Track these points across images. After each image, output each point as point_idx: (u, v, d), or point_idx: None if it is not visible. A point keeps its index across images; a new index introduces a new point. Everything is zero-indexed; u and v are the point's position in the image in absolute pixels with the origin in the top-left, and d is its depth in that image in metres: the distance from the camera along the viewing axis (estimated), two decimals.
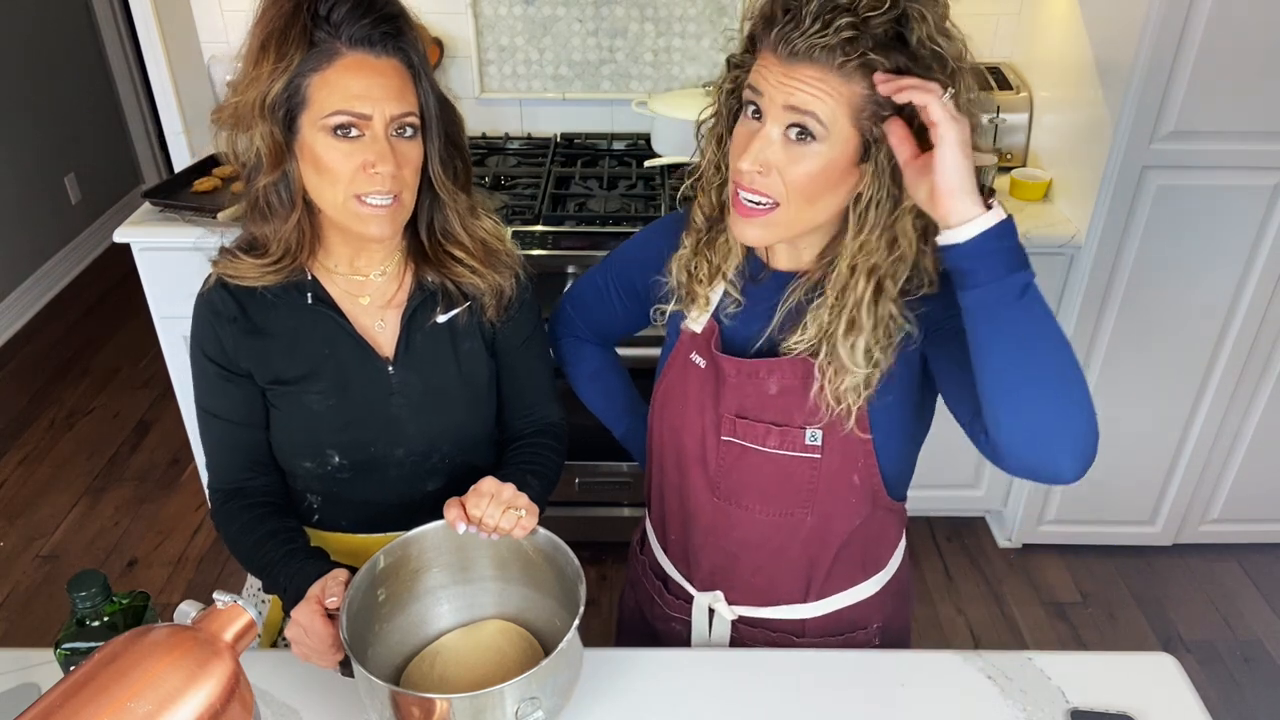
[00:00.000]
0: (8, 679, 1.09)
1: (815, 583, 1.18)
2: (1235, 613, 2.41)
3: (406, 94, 1.04)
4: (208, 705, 0.76)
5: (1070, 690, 1.10)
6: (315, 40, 1.00)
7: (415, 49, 1.05)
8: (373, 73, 1.01)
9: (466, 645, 1.11)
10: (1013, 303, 0.87)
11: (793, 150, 0.92)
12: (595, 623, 2.32)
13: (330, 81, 1.01)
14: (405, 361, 1.17)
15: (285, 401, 1.16)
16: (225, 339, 1.14)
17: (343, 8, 1.00)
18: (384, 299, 1.17)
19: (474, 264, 1.16)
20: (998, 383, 0.89)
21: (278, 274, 1.12)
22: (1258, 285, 2.11)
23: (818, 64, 0.89)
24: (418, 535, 1.08)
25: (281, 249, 1.11)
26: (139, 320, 3.38)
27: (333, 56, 1.00)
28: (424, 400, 1.19)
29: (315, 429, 1.17)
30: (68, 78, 3.97)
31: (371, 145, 1.02)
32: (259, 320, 1.14)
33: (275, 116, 1.02)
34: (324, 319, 1.15)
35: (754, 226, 0.98)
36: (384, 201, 1.05)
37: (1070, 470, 0.90)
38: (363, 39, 1.01)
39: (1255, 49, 1.85)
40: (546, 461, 1.25)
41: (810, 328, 1.01)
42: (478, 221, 1.18)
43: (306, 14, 1.00)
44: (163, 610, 0.90)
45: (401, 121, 1.03)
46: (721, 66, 1.03)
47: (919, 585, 2.46)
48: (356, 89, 1.00)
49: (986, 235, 0.86)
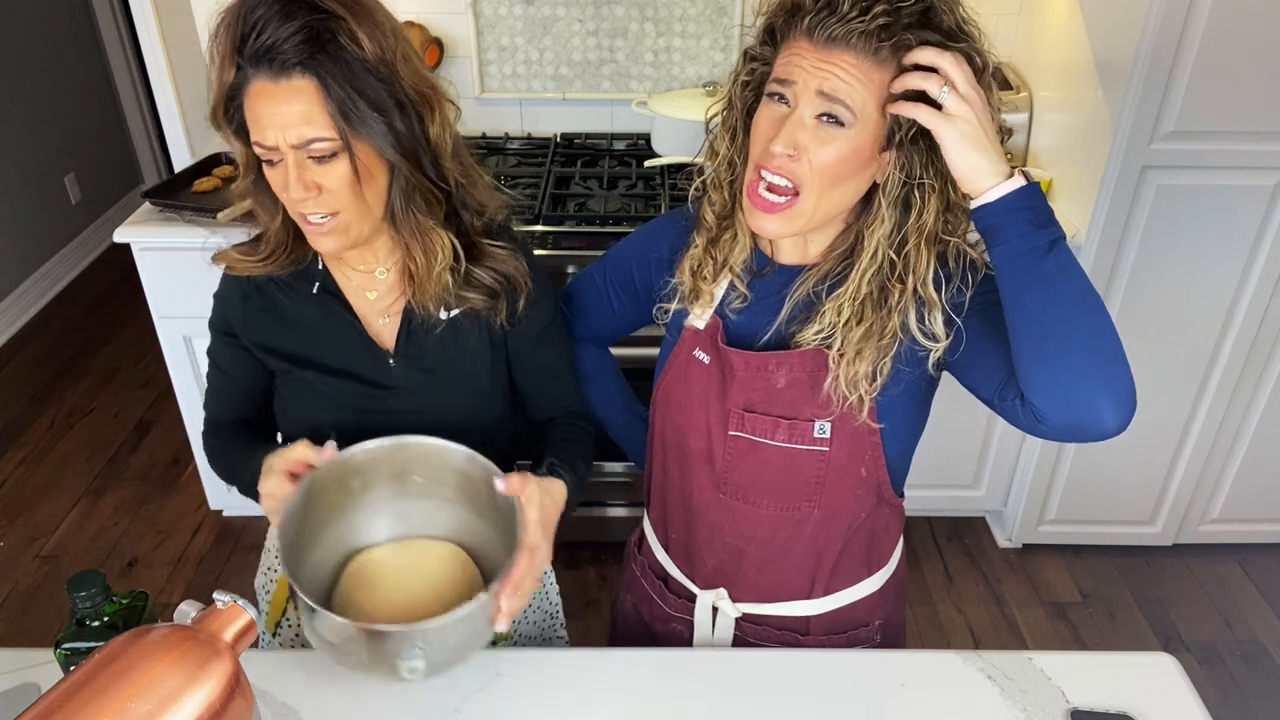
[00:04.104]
0: (8, 679, 1.09)
1: (820, 579, 1.18)
2: (1235, 613, 2.41)
3: (313, 117, 0.98)
4: (208, 705, 0.77)
5: (1070, 690, 1.10)
6: (239, 62, 0.99)
7: (337, 62, 0.97)
8: (271, 99, 0.98)
9: (400, 562, 1.12)
10: (1041, 257, 0.90)
11: (821, 133, 0.94)
12: (596, 622, 2.32)
13: (248, 108, 1.00)
14: (405, 355, 1.18)
15: (289, 378, 1.19)
16: (238, 313, 1.18)
17: (257, 15, 0.97)
18: (390, 295, 1.18)
19: (456, 292, 1.14)
20: (1033, 338, 0.91)
21: (272, 267, 1.14)
22: (1258, 285, 2.11)
23: (854, 49, 0.91)
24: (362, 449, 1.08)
25: (270, 246, 1.13)
26: (139, 320, 3.38)
27: (245, 81, 0.99)
28: (423, 395, 1.19)
29: (315, 408, 1.19)
30: (68, 78, 3.96)
31: (283, 171, 1.01)
32: (272, 299, 1.17)
33: (231, 129, 1.04)
34: (329, 309, 1.17)
35: (773, 220, 0.98)
36: (319, 220, 1.04)
37: (1113, 419, 0.91)
38: (262, 61, 0.97)
39: (1255, 49, 1.85)
40: (586, 442, 1.27)
41: (828, 316, 1.02)
42: (479, 263, 1.14)
43: (237, 26, 0.98)
44: (163, 610, 0.90)
45: (308, 150, 0.99)
46: (731, 63, 1.04)
47: (919, 585, 2.46)
48: (262, 117, 0.99)
49: (1012, 196, 0.90)
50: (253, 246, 1.16)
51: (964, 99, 0.88)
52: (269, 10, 0.96)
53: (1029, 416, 0.95)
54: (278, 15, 0.96)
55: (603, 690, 1.11)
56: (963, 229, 1.00)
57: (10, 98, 3.61)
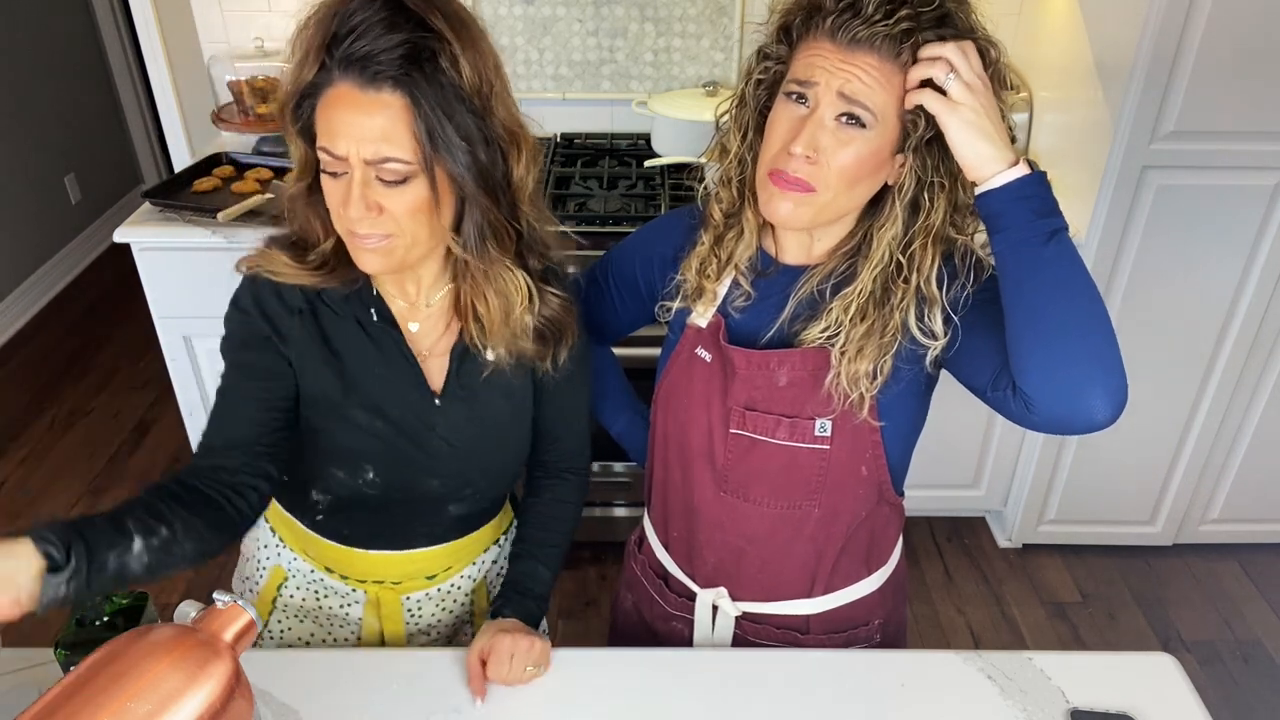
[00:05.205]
0: (8, 679, 1.09)
1: (820, 578, 1.18)
2: (1235, 613, 2.41)
3: (395, 136, 0.92)
4: (208, 705, 0.77)
5: (1070, 690, 1.10)
6: (325, 61, 0.92)
7: (433, 84, 0.92)
8: (353, 108, 0.91)
9: None
10: (1040, 246, 0.90)
11: (842, 134, 0.94)
12: (595, 622, 2.33)
13: (323, 110, 0.94)
14: (452, 397, 1.12)
15: (326, 412, 1.10)
16: (288, 325, 1.07)
17: (358, 19, 0.90)
18: (436, 330, 1.12)
19: (508, 341, 1.07)
20: (1028, 325, 0.92)
21: (326, 279, 1.05)
22: (1258, 285, 2.11)
23: (877, 52, 0.91)
24: None
25: (319, 257, 1.05)
26: (139, 320, 3.36)
27: (327, 83, 0.93)
28: (468, 437, 1.15)
29: (356, 443, 1.12)
30: (68, 78, 3.96)
31: (346, 185, 0.94)
32: (321, 320, 1.08)
33: (296, 129, 0.97)
34: (385, 337, 1.10)
35: (788, 201, 0.98)
36: (374, 241, 0.97)
37: (1103, 410, 0.91)
38: (355, 66, 0.90)
39: (1255, 49, 1.85)
40: (562, 528, 1.25)
41: (835, 314, 1.02)
42: (534, 304, 1.07)
43: (332, 22, 0.92)
44: (163, 610, 0.90)
45: (379, 169, 0.93)
46: (732, 63, 1.04)
47: (919, 585, 2.46)
48: (337, 125, 0.92)
49: (1016, 183, 0.90)
50: (299, 254, 1.06)
51: (968, 86, 0.89)
52: (373, 15, 0.90)
53: (1020, 406, 0.95)
54: (381, 23, 0.90)
55: (603, 690, 1.11)
56: (971, 228, 1.00)
57: (10, 98, 3.61)
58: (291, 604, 1.29)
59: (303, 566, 1.27)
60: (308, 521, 1.23)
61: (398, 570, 1.24)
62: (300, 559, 1.27)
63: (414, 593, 1.27)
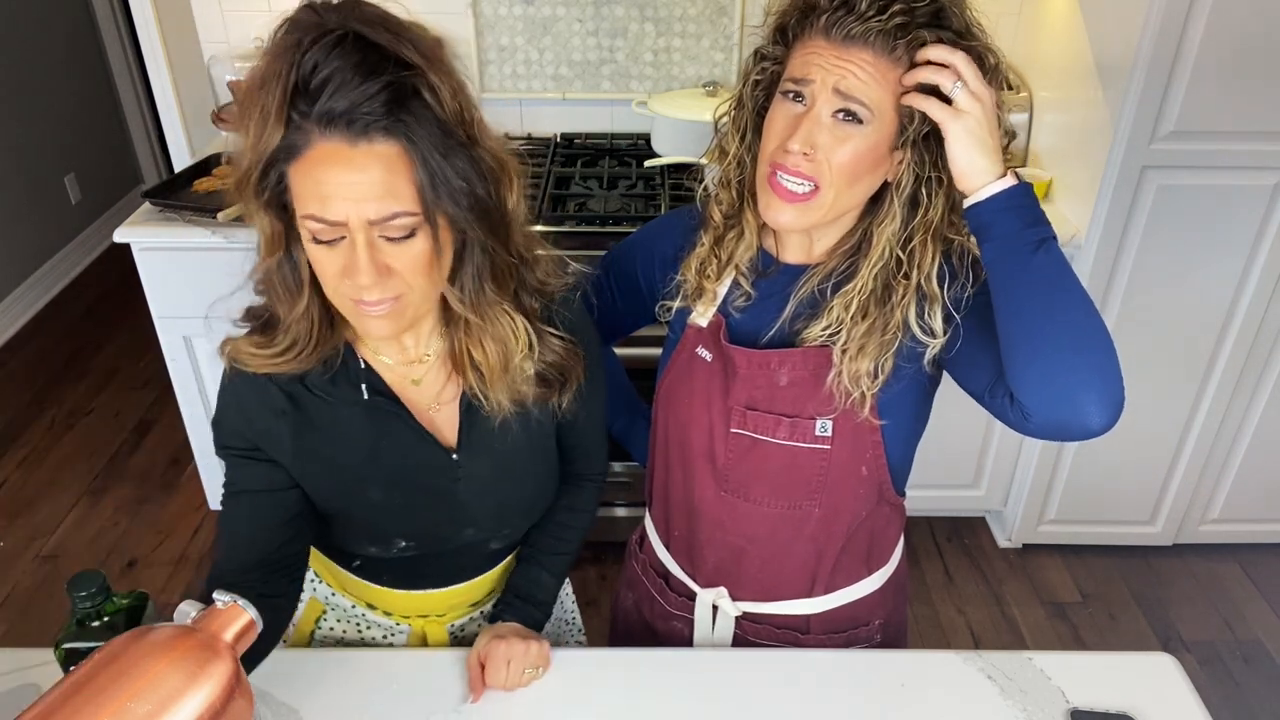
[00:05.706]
0: (8, 679, 1.09)
1: (820, 578, 1.18)
2: (1235, 613, 2.41)
3: (397, 189, 0.83)
4: (208, 705, 0.76)
5: (1070, 690, 1.10)
6: (292, 117, 0.82)
7: (423, 123, 0.83)
8: (345, 167, 0.82)
9: None
10: (1029, 254, 0.91)
11: (839, 131, 0.95)
12: (595, 622, 2.32)
13: (304, 174, 0.83)
14: (469, 446, 1.06)
15: (342, 501, 1.05)
16: (275, 428, 1.00)
17: (327, 70, 0.80)
18: (440, 379, 1.05)
19: (510, 390, 1.01)
20: (1021, 335, 0.92)
21: (295, 364, 0.96)
22: (1258, 285, 2.11)
23: (872, 48, 0.92)
24: None
25: (289, 339, 0.95)
26: (139, 320, 3.36)
27: (306, 143, 0.82)
28: (493, 482, 1.10)
29: (379, 521, 1.08)
30: (68, 78, 3.96)
31: (348, 251, 0.85)
32: (308, 412, 1.00)
33: (262, 201, 0.87)
34: (381, 412, 1.02)
35: (790, 210, 0.98)
36: (384, 307, 0.89)
37: (1099, 418, 0.92)
38: (339, 121, 0.81)
39: (1255, 49, 1.85)
40: (574, 535, 1.23)
41: (835, 312, 1.02)
42: (534, 350, 1.00)
43: (291, 76, 0.81)
44: (163, 610, 0.90)
45: (386, 226, 0.84)
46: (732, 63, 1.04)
47: (919, 585, 2.46)
48: (328, 187, 0.82)
49: (1003, 195, 0.91)
50: (266, 338, 0.96)
51: (974, 96, 0.89)
52: (342, 62, 0.80)
53: (1017, 414, 0.96)
54: (354, 68, 0.80)
55: (603, 690, 1.11)
56: (967, 230, 1.00)
57: (10, 98, 3.61)
58: (331, 637, 1.26)
59: (342, 602, 1.25)
60: (344, 566, 1.19)
61: (442, 604, 1.22)
62: (339, 595, 1.24)
63: (459, 619, 1.25)
